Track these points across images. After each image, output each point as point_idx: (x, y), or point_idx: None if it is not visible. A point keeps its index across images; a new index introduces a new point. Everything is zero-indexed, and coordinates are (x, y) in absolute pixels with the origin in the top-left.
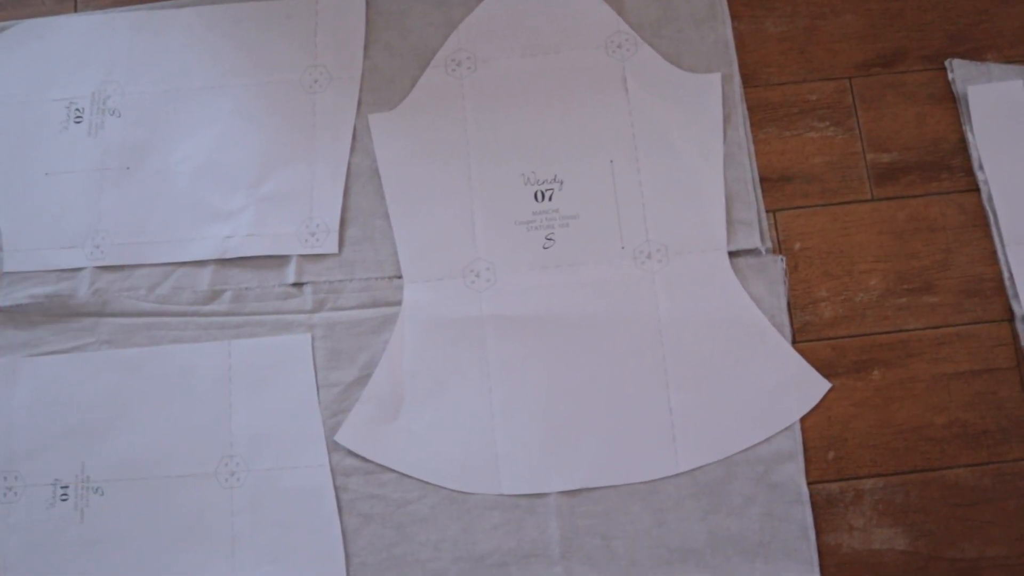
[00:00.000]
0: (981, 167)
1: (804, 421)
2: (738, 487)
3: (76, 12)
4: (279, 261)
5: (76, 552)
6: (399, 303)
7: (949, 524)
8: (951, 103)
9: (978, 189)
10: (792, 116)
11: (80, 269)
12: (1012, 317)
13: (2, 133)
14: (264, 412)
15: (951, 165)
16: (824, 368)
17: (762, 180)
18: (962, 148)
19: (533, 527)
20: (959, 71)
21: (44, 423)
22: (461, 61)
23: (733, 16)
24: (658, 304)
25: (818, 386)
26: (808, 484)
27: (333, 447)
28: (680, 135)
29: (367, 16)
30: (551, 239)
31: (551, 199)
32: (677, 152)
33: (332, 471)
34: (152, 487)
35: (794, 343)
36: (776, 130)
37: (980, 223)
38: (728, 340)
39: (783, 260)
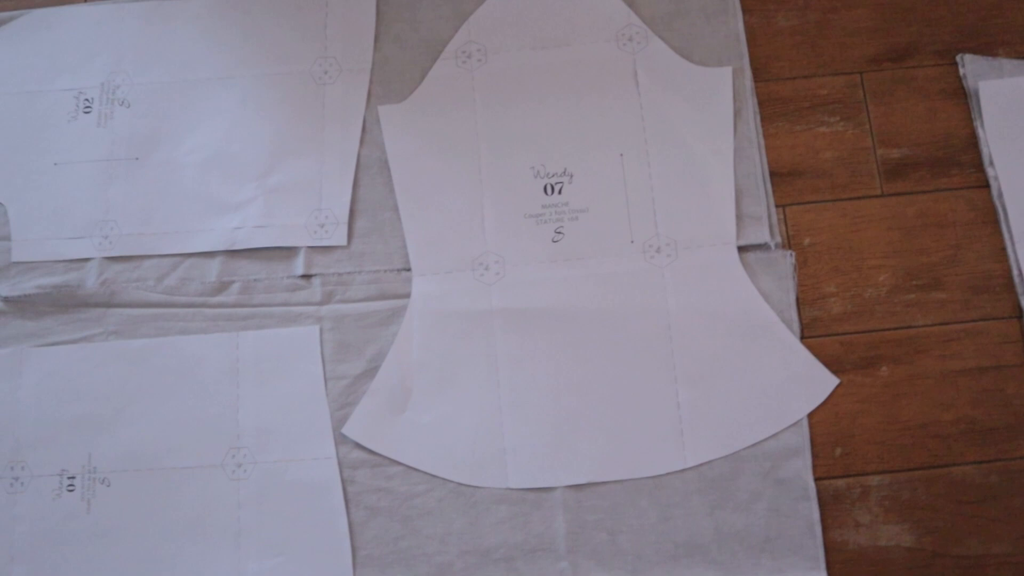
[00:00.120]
0: (991, 163)
1: (811, 417)
2: (745, 483)
3: (86, 2)
4: (287, 253)
5: (82, 543)
6: (408, 296)
7: (956, 521)
8: (962, 99)
9: (988, 185)
10: (802, 111)
11: (88, 259)
12: (1021, 314)
13: (12, 123)
14: (271, 404)
15: (961, 161)
16: (832, 364)
17: (772, 175)
18: (972, 144)
19: (540, 521)
20: (970, 66)
21: (51, 413)
22: (471, 53)
23: (744, 10)
24: (667, 298)
25: (826, 382)
26: (815, 480)
27: (340, 439)
28: (690, 129)
29: (377, 8)
30: (560, 232)
31: (561, 192)
32: (687, 146)
33: (339, 463)
34: (159, 478)
35: (802, 338)
36: (786, 124)
37: (990, 219)
38: (736, 335)
39: (792, 255)
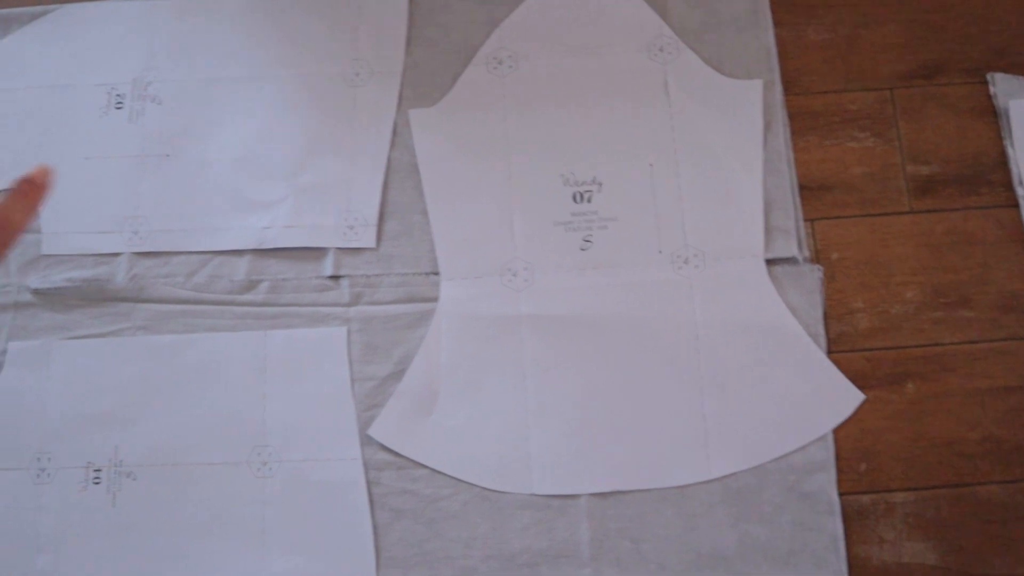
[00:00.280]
0: (1021, 182)
1: (837, 432)
2: (769, 495)
3: None
4: (317, 253)
5: (107, 535)
6: (436, 299)
7: (980, 540)
8: (992, 117)
9: (1017, 205)
10: (833, 125)
11: (118, 254)
12: None
13: (43, 117)
14: (298, 403)
15: (991, 179)
16: (858, 379)
17: (801, 188)
18: (1002, 163)
19: (564, 528)
20: (1000, 85)
21: (78, 406)
22: (503, 59)
23: (776, 23)
24: (694, 309)
25: (852, 397)
26: (839, 495)
27: (366, 441)
28: (720, 141)
29: (409, 11)
30: (589, 241)
31: (590, 200)
32: (717, 158)
33: (364, 465)
34: (184, 474)
35: (829, 353)
36: (816, 139)
37: (1018, 239)
38: (763, 348)
39: (820, 269)
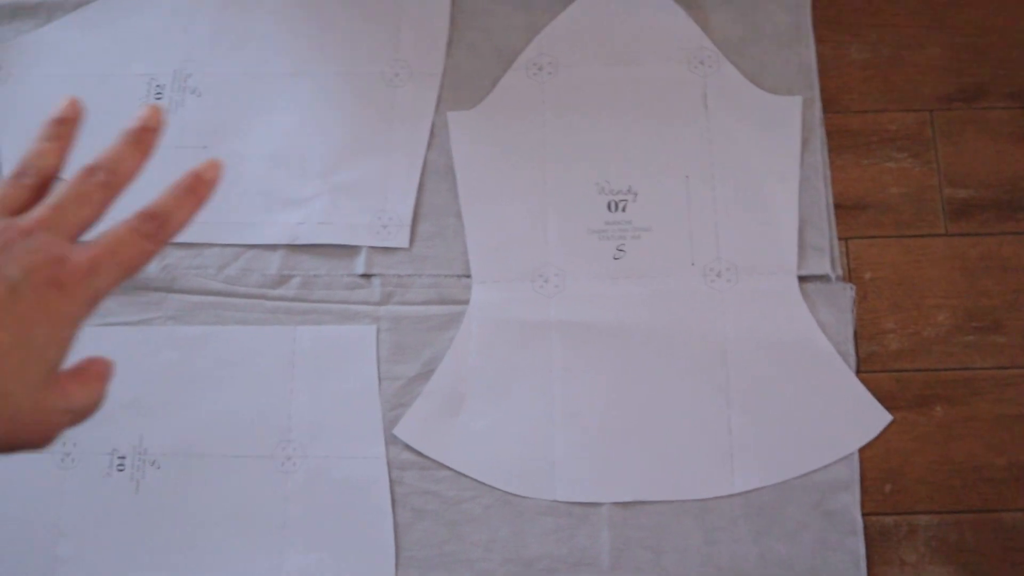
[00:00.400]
0: None
1: (862, 452)
2: (792, 512)
3: None
4: (349, 251)
5: (129, 522)
6: (466, 302)
7: (1002, 567)
8: None
9: None
10: (871, 144)
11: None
12: None
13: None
14: (324, 400)
15: None
16: (886, 400)
17: (836, 207)
18: None
19: (585, 536)
20: None
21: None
22: (543, 65)
23: (817, 40)
24: (725, 323)
25: (879, 418)
26: (863, 515)
27: (391, 440)
28: (757, 156)
29: (451, 14)
30: (622, 250)
31: (624, 210)
32: (753, 172)
33: (388, 464)
34: (208, 465)
35: (858, 373)
36: (853, 157)
37: None
38: (792, 365)
39: (853, 288)
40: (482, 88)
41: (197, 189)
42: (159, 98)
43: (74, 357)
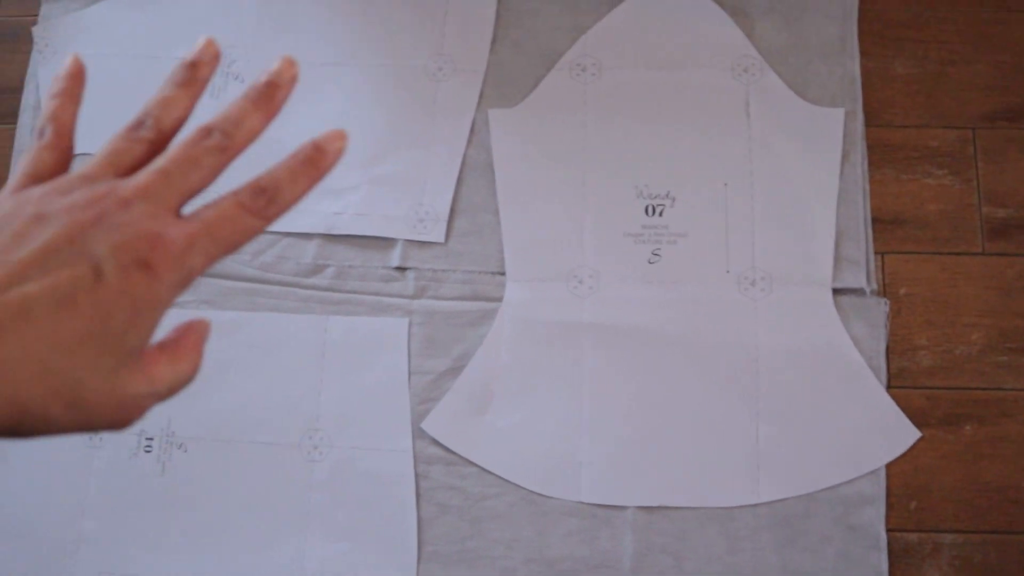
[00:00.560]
0: None
1: (890, 467)
2: (816, 524)
3: None
4: (385, 243)
5: (153, 503)
6: (499, 299)
7: None
8: None
9: None
10: (911, 160)
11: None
12: None
13: (128, 86)
14: (353, 391)
15: None
16: (916, 416)
17: (874, 221)
18: None
19: (608, 538)
20: None
21: None
22: (586, 67)
23: (862, 53)
24: (757, 332)
25: (908, 434)
26: (887, 531)
27: (418, 434)
28: (797, 166)
29: (497, 12)
30: (657, 254)
31: (662, 215)
32: (792, 182)
33: (415, 458)
34: (235, 450)
35: (888, 388)
36: (893, 172)
37: None
38: (823, 377)
39: (887, 303)
40: (525, 87)
41: (317, 161)
42: None
43: None
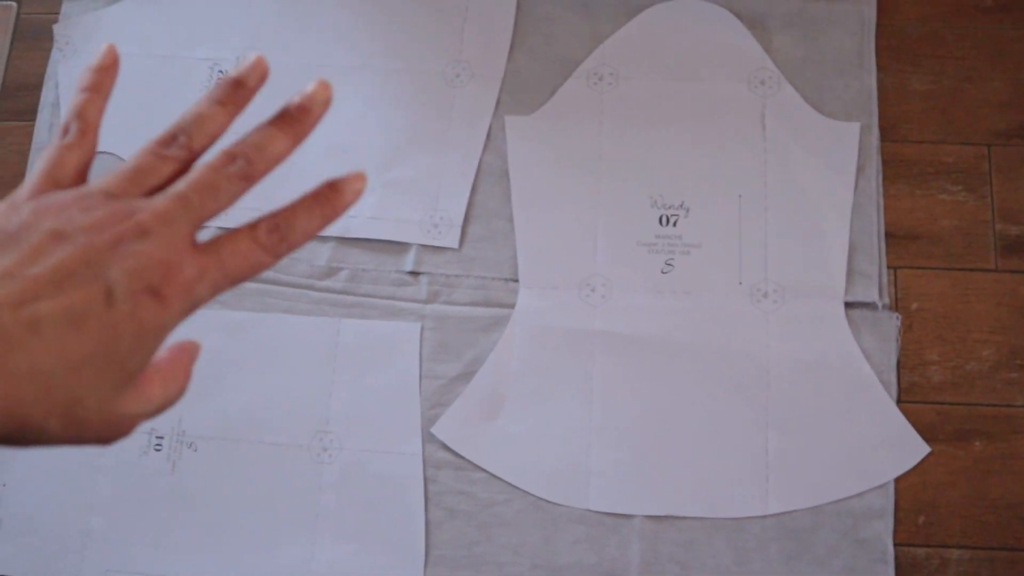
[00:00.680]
0: None
1: (898, 482)
2: (824, 537)
3: None
4: (399, 247)
5: (162, 502)
6: (512, 306)
7: None
8: None
9: None
10: (926, 175)
11: (204, 227)
12: None
13: (146, 85)
14: (364, 394)
15: None
16: (926, 431)
17: (887, 235)
18: None
19: (615, 546)
20: None
21: None
22: (603, 76)
23: (879, 68)
24: (768, 344)
25: (917, 449)
26: (895, 545)
27: (428, 438)
28: (812, 179)
29: (515, 19)
30: (671, 264)
31: (675, 225)
32: (806, 195)
33: (424, 462)
34: (245, 450)
35: (899, 402)
36: (907, 187)
37: None
38: (833, 390)
39: (899, 318)
40: (541, 94)
41: (334, 203)
42: None
43: None
